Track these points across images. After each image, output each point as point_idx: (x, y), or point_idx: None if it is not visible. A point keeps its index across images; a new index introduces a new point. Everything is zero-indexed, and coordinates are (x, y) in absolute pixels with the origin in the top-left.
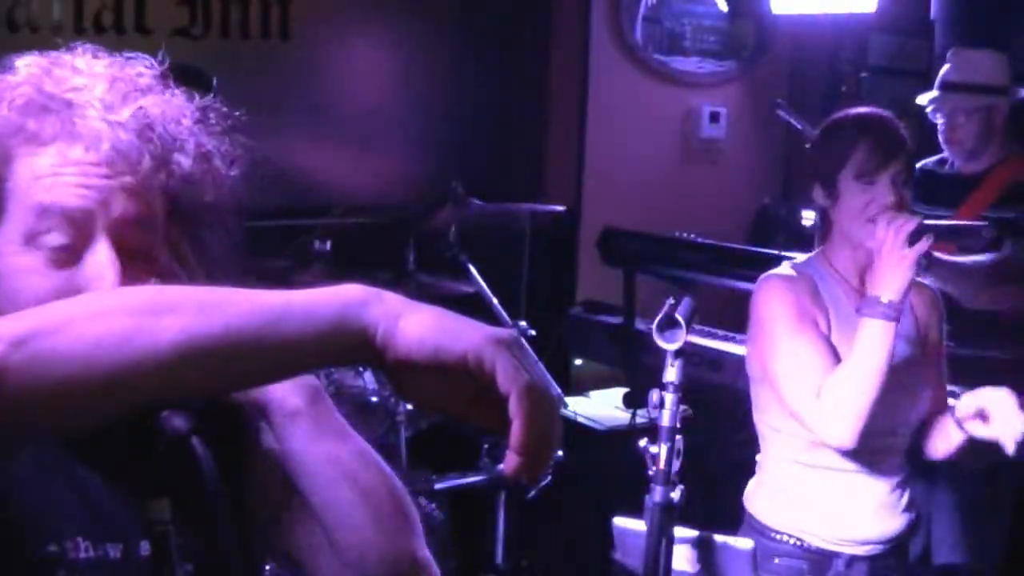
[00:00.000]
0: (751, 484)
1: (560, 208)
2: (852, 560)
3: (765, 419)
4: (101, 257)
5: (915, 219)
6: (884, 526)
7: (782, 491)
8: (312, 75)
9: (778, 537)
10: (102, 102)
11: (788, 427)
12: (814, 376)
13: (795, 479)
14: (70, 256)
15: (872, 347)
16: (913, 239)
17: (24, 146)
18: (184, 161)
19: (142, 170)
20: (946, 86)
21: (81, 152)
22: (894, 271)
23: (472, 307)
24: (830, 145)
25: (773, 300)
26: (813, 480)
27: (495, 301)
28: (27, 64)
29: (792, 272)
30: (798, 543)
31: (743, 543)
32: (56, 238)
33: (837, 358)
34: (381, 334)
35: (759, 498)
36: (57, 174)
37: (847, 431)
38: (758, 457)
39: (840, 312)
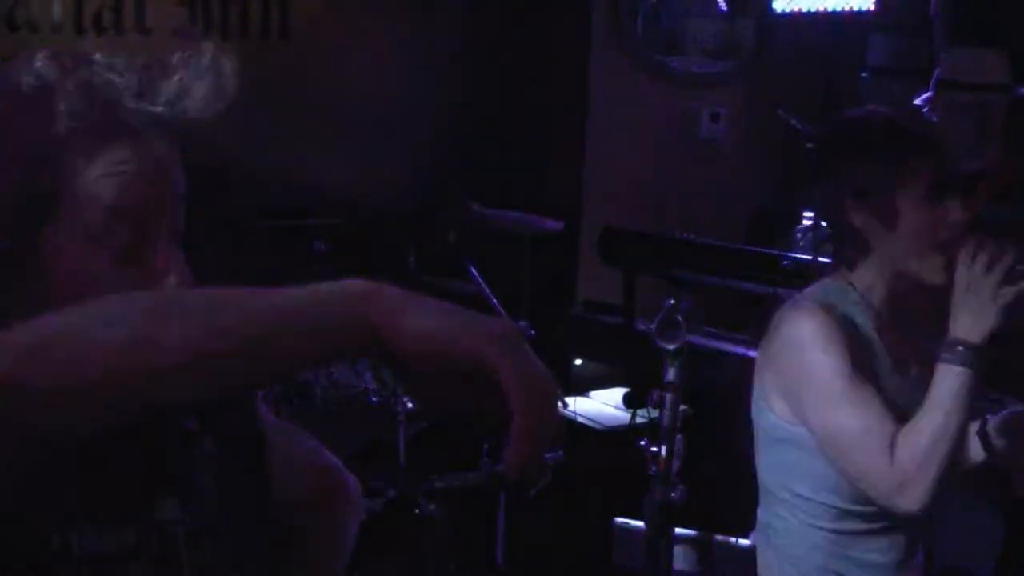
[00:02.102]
0: (759, 551)
1: (558, 225)
2: None
3: (788, 485)
4: (167, 253)
5: (1007, 250)
6: None
7: (807, 561)
8: (312, 75)
9: None
10: (140, 97)
11: (819, 495)
12: (882, 433)
13: (825, 548)
14: (135, 252)
15: (950, 399)
16: (1009, 276)
17: (85, 143)
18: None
19: (179, 162)
20: (941, 84)
21: (138, 148)
22: (981, 311)
23: (473, 307)
24: (888, 155)
25: (820, 344)
26: (845, 545)
27: (495, 301)
28: (57, 60)
29: (825, 305)
30: None
31: (743, 543)
32: (123, 236)
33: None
34: (386, 331)
35: (775, 569)
36: (121, 172)
37: (921, 497)
38: (771, 521)
39: (877, 357)
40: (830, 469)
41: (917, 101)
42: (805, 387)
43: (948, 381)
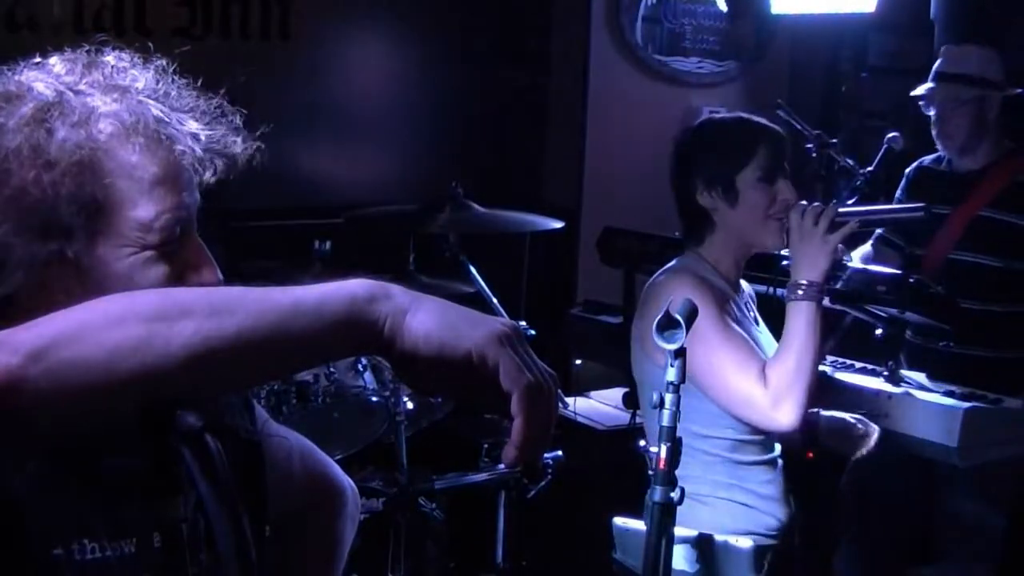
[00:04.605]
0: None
1: (558, 224)
2: (770, 549)
3: (684, 427)
4: (195, 246)
5: (831, 207)
6: (791, 510)
7: (712, 496)
8: (312, 75)
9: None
10: (161, 100)
11: (715, 431)
12: (755, 365)
13: (725, 482)
14: (173, 248)
15: (805, 329)
16: (834, 226)
17: (124, 148)
18: (215, 155)
19: (196, 167)
20: (937, 77)
21: (167, 151)
22: (816, 256)
23: (473, 307)
24: (727, 148)
25: (695, 299)
26: (743, 477)
27: (495, 301)
28: (76, 65)
29: (689, 271)
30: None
31: (743, 543)
32: (164, 237)
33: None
34: (388, 329)
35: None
36: (159, 182)
37: (795, 411)
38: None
39: (735, 311)
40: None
41: (916, 92)
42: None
43: (799, 315)
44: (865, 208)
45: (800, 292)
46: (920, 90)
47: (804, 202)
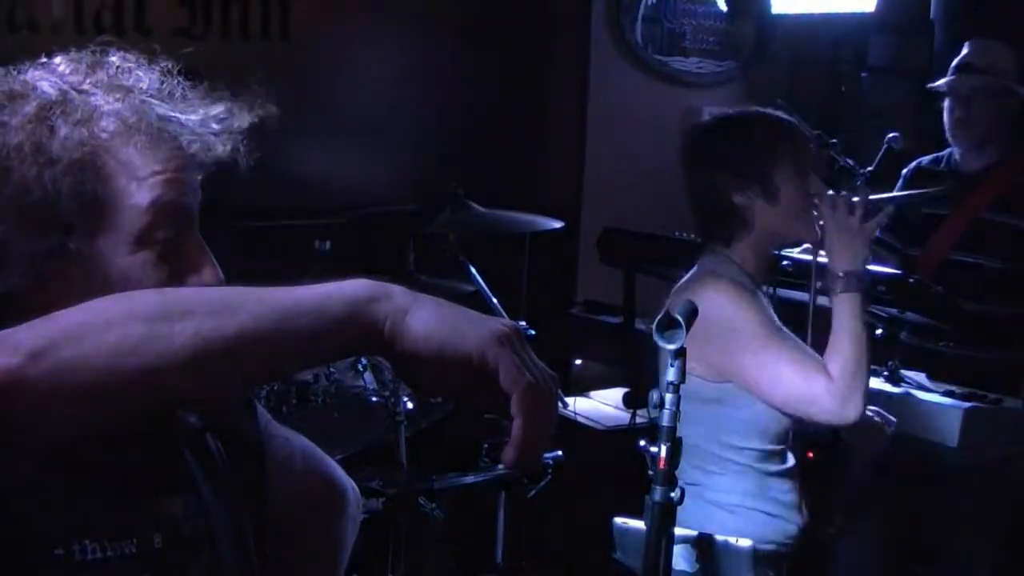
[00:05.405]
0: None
1: (558, 224)
2: (787, 557)
3: (720, 439)
4: (196, 245)
5: (862, 195)
6: (804, 518)
7: (739, 506)
8: (312, 75)
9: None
10: (166, 100)
11: (748, 442)
12: (814, 362)
13: (752, 491)
14: (173, 247)
15: (853, 320)
16: (868, 213)
17: (126, 146)
18: (217, 152)
19: (201, 161)
20: (966, 68)
21: (169, 149)
22: (852, 244)
23: (472, 307)
24: (760, 144)
25: (740, 304)
26: (767, 486)
27: (495, 301)
28: (77, 63)
29: (722, 275)
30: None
31: (743, 543)
32: (163, 233)
33: None
34: (388, 329)
35: (713, 521)
36: (158, 173)
37: (861, 403)
38: (701, 479)
39: (768, 310)
40: (755, 415)
41: (937, 84)
42: (735, 344)
43: (845, 307)
44: (892, 195)
45: (841, 284)
46: (941, 82)
47: (831, 192)
